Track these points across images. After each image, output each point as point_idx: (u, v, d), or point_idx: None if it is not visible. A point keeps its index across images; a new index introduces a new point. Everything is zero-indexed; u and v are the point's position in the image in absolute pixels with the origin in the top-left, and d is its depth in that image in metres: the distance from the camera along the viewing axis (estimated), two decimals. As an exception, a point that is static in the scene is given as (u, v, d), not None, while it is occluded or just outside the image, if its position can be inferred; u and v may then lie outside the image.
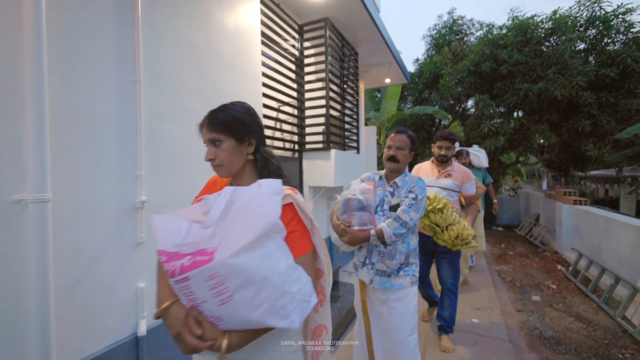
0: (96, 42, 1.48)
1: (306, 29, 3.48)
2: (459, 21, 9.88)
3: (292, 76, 3.34)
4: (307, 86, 3.52)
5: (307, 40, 3.52)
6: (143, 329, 1.61)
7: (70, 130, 1.36)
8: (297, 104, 3.43)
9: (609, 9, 6.80)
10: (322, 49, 3.42)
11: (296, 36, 3.36)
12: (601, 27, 6.78)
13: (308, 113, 3.51)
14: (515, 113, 7.80)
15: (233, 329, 0.75)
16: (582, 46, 7.08)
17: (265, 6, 2.82)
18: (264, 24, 2.79)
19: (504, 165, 9.32)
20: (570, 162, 8.17)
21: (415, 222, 1.67)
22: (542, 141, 7.80)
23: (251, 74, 2.59)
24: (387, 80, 5.93)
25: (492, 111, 7.39)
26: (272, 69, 3.05)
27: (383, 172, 1.88)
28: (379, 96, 9.40)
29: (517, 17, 7.57)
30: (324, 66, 3.44)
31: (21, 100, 1.18)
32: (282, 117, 3.33)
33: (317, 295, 0.99)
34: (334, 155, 3.36)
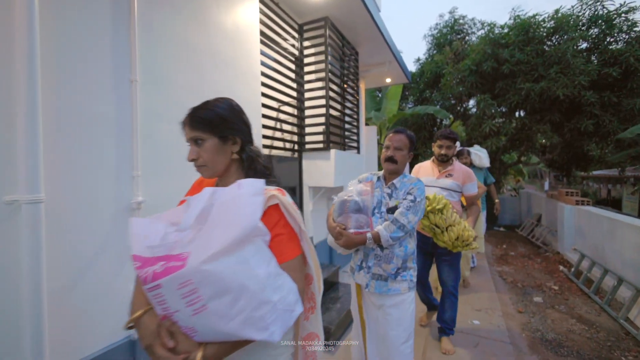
0: (91, 41, 1.46)
1: (306, 28, 3.46)
2: (461, 20, 9.86)
3: (292, 76, 3.32)
4: (307, 86, 3.50)
5: (307, 40, 3.50)
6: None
7: (65, 130, 1.34)
8: (297, 103, 3.41)
9: (611, 8, 6.75)
10: (322, 49, 3.40)
11: (296, 35, 3.34)
12: (604, 26, 6.73)
13: (308, 113, 3.49)
14: (517, 113, 7.76)
15: (208, 340, 0.70)
16: (584, 45, 7.03)
17: (264, 5, 2.80)
18: (263, 23, 2.77)
19: (506, 165, 9.27)
20: (573, 162, 8.12)
21: (414, 225, 1.61)
22: (544, 141, 7.76)
23: (250, 73, 2.58)
24: (388, 80, 5.90)
25: (493, 111, 7.36)
26: (272, 68, 3.03)
27: (381, 173, 1.82)
28: (380, 96, 9.37)
29: (518, 16, 7.53)
30: (323, 66, 3.42)
31: (13, 101, 1.16)
32: (281, 116, 3.32)
33: (307, 302, 0.95)
34: (334, 155, 3.34)
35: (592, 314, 3.23)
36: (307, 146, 3.53)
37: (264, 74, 2.78)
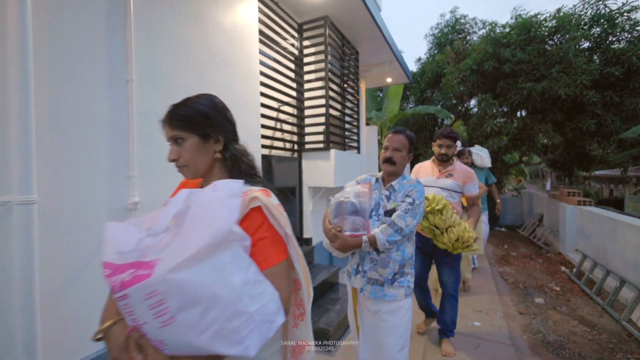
0: (86, 40, 1.45)
1: (305, 27, 3.44)
2: (462, 20, 9.82)
3: (292, 75, 3.30)
4: (307, 85, 3.49)
5: (307, 39, 3.48)
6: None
7: (60, 130, 1.33)
8: (297, 103, 3.40)
9: (613, 7, 6.72)
10: (322, 48, 3.39)
11: (295, 35, 3.33)
12: (606, 25, 6.69)
13: (308, 112, 3.48)
14: (518, 112, 7.72)
15: (179, 354, 0.65)
16: (586, 44, 6.99)
17: (263, 4, 2.78)
18: (262, 22, 2.76)
19: (507, 165, 9.24)
20: (575, 162, 8.08)
21: (412, 229, 1.56)
22: (545, 141, 7.73)
23: (249, 73, 2.56)
24: (389, 80, 5.88)
25: (495, 110, 7.33)
26: (271, 68, 3.02)
27: (380, 175, 1.77)
28: (381, 95, 9.35)
29: (520, 16, 7.50)
30: (323, 65, 3.40)
31: (5, 101, 1.15)
32: (281, 116, 3.30)
33: (296, 309, 0.90)
34: (334, 155, 3.32)
35: (594, 315, 3.20)
36: (307, 146, 3.51)
37: (263, 73, 2.76)
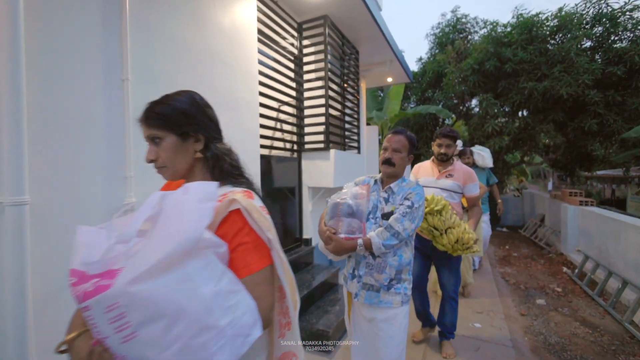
0: (81, 40, 1.43)
1: (305, 26, 3.43)
2: (463, 19, 9.78)
3: (291, 75, 3.29)
4: (307, 85, 3.47)
5: (306, 39, 3.47)
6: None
7: (54, 130, 1.32)
8: (296, 103, 3.38)
9: (616, 6, 6.67)
10: (322, 48, 3.37)
11: (295, 34, 3.31)
12: (608, 25, 6.65)
13: (307, 112, 3.46)
14: (520, 112, 7.69)
15: None
16: (588, 44, 6.95)
17: (263, 3, 2.77)
18: (260, 21, 2.74)
19: (509, 165, 9.20)
20: (576, 162, 8.04)
21: (410, 233, 1.50)
22: (547, 141, 7.69)
23: (248, 72, 2.54)
24: (389, 80, 5.86)
25: (496, 110, 7.29)
26: (270, 67, 3.00)
27: (379, 176, 1.71)
28: (381, 95, 9.32)
29: (521, 15, 7.46)
30: (323, 65, 3.38)
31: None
32: (281, 116, 3.29)
33: (282, 317, 0.85)
34: (334, 155, 3.31)
35: (596, 316, 3.18)
36: (307, 146, 3.50)
37: (262, 73, 2.75)
